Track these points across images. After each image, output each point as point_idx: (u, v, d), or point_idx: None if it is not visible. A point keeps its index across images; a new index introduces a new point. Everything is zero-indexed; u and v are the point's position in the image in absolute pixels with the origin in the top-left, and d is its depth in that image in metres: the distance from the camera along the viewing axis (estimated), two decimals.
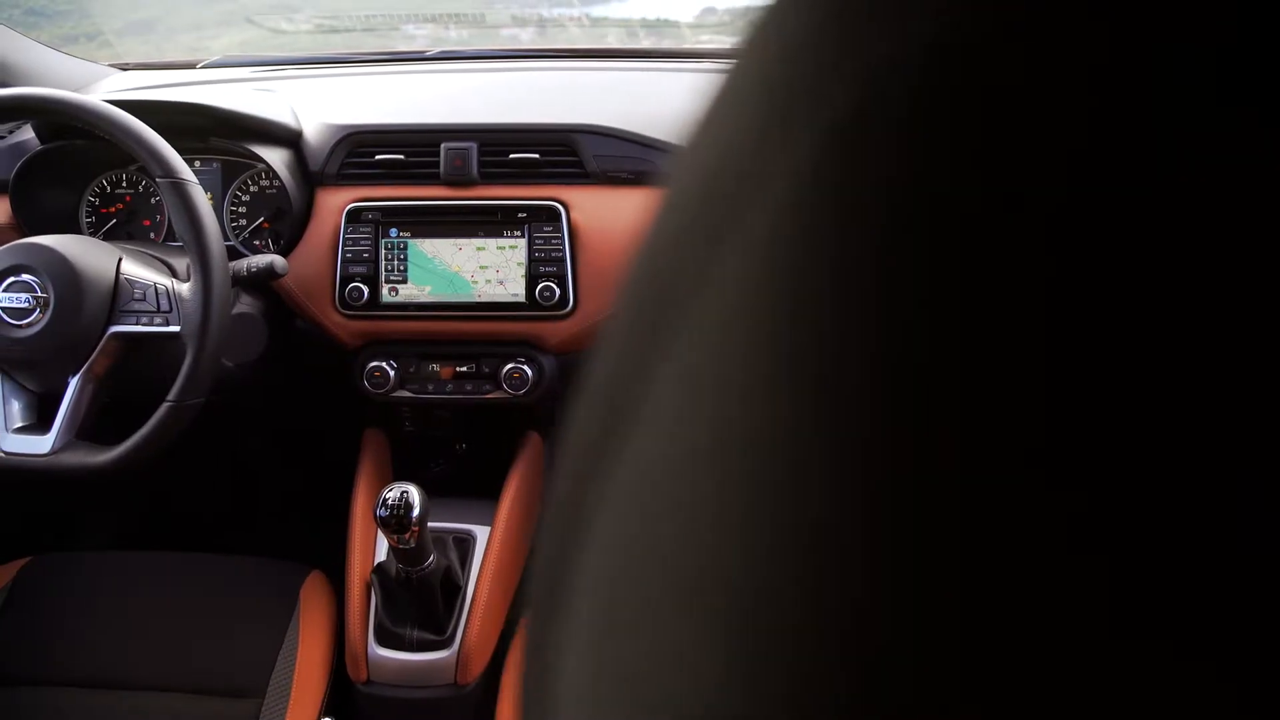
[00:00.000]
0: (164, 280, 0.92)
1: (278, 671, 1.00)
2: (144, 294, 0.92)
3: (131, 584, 1.09)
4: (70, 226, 1.17)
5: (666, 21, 2.13)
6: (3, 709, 0.97)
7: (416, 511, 0.91)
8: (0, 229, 1.12)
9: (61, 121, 0.92)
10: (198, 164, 1.15)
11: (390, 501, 0.91)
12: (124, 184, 1.19)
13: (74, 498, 1.48)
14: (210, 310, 0.89)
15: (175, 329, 0.90)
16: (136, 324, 0.91)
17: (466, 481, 1.21)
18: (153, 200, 1.19)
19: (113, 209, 1.19)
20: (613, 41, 1.92)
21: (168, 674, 1.00)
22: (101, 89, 1.35)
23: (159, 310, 0.91)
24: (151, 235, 1.19)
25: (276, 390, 1.26)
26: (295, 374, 1.22)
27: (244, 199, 1.17)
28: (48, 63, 1.32)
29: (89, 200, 1.19)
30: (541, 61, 1.42)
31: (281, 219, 1.16)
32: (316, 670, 1.01)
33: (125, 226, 1.19)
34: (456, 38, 2.01)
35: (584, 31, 2.09)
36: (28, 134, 1.18)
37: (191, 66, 1.50)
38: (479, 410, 1.17)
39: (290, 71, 1.44)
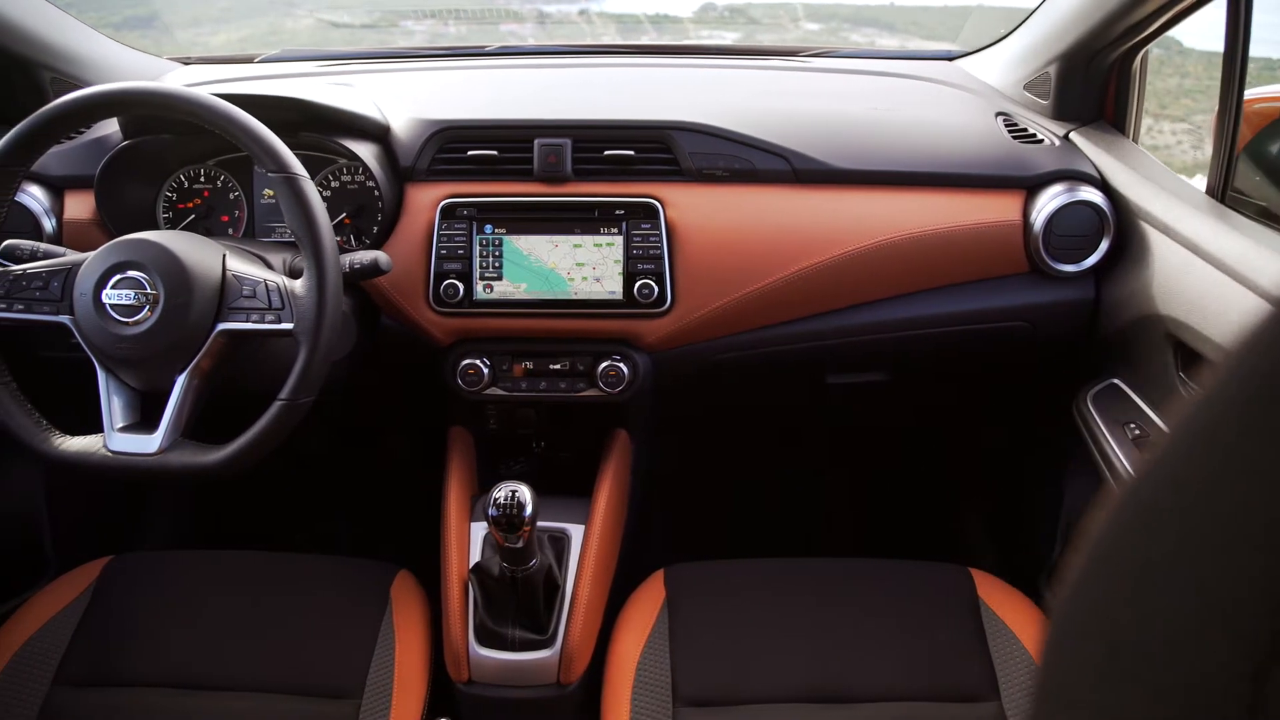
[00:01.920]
0: (273, 277, 0.91)
1: (374, 672, 0.98)
2: (253, 290, 0.90)
3: (216, 583, 1.08)
4: (148, 221, 1.15)
5: (667, 17, 2.13)
6: (96, 710, 0.95)
7: (528, 511, 0.90)
8: (84, 225, 1.11)
9: (174, 117, 0.90)
10: None
11: (501, 501, 0.90)
12: (201, 179, 1.17)
13: (149, 496, 1.46)
14: (325, 307, 0.88)
15: (288, 326, 0.88)
16: (246, 321, 0.89)
17: (547, 479, 1.20)
18: (231, 196, 1.17)
19: (189, 204, 1.17)
20: (612, 37, 1.91)
21: (261, 674, 0.98)
22: (169, 82, 1.33)
23: (270, 307, 0.89)
24: (230, 231, 1.17)
25: (359, 388, 1.24)
26: (378, 371, 1.21)
27: (325, 194, 1.15)
28: (117, 56, 1.30)
29: (166, 195, 1.17)
30: (623, 58, 1.41)
31: (363, 214, 1.14)
32: (416, 670, 0.99)
33: (203, 222, 1.17)
34: (455, 33, 2.00)
35: (577, 28, 2.09)
36: (106, 129, 1.16)
37: (249, 60, 1.49)
38: (567, 408, 1.16)
39: (353, 66, 1.42)
